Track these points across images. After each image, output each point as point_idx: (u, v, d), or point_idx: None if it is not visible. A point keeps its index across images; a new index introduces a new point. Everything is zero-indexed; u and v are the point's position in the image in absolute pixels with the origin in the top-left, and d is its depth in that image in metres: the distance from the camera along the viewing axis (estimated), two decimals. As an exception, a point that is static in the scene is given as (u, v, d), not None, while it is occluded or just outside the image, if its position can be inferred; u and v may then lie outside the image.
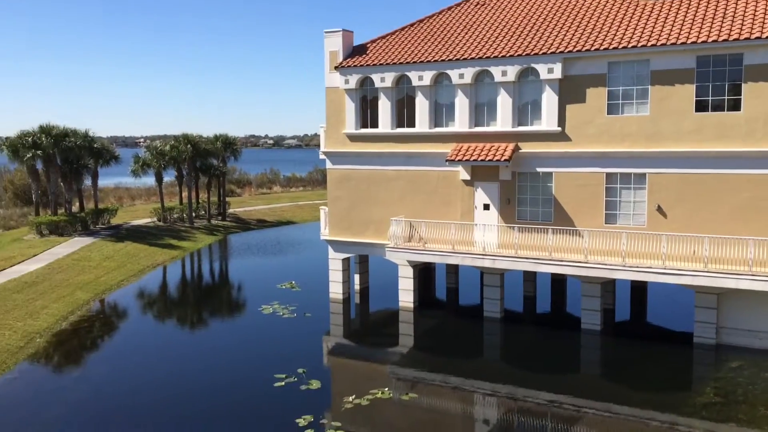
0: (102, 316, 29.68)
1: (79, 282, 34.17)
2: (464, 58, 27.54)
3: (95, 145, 49.51)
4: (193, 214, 56.13)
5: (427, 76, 28.43)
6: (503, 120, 27.27)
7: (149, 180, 60.04)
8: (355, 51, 30.78)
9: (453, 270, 33.87)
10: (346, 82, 30.06)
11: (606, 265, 24.39)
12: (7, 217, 55.34)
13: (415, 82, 28.72)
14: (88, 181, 52.22)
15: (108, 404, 19.40)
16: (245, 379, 21.31)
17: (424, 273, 34.62)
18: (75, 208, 51.17)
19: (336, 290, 31.63)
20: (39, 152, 45.21)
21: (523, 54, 26.42)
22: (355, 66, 29.73)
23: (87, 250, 40.93)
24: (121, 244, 43.95)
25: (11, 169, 65.47)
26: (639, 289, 31.94)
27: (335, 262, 31.56)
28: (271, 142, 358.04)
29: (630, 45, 24.62)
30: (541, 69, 26.20)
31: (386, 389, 20.20)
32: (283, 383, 20.68)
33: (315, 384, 20.59)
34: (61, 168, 47.23)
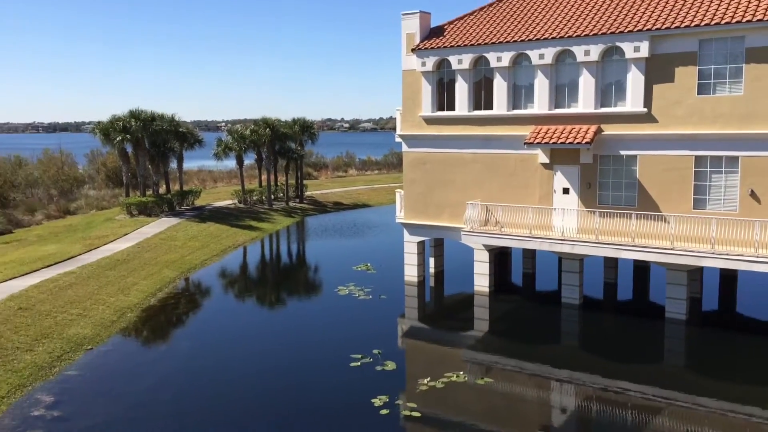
0: (187, 294, 30.96)
1: (166, 261, 35.73)
2: (545, 38, 26.82)
3: (180, 129, 51.37)
4: (272, 197, 57.50)
5: (506, 57, 27.87)
6: (585, 101, 26.44)
7: (230, 163, 61.89)
8: (433, 33, 30.52)
9: (530, 255, 33.32)
10: (423, 64, 29.88)
11: (694, 252, 23.37)
12: (100, 198, 58.45)
13: (493, 64, 28.23)
14: (173, 164, 54.31)
15: (193, 379, 20.27)
16: (322, 358, 21.77)
17: (500, 257, 34.23)
18: (162, 189, 53.36)
19: (411, 273, 31.76)
20: (128, 136, 47.32)
21: (608, 32, 25.46)
22: (432, 48, 29.50)
23: (173, 230, 42.69)
24: (205, 224, 45.60)
25: (104, 153, 68.86)
26: (729, 277, 30.47)
27: (410, 245, 31.64)
28: (347, 125, 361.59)
29: (723, 21, 23.29)
30: (627, 48, 25.19)
31: (461, 373, 20.18)
32: (359, 363, 21.00)
33: (390, 365, 20.80)
34: (149, 151, 49.30)
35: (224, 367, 21.17)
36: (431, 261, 33.18)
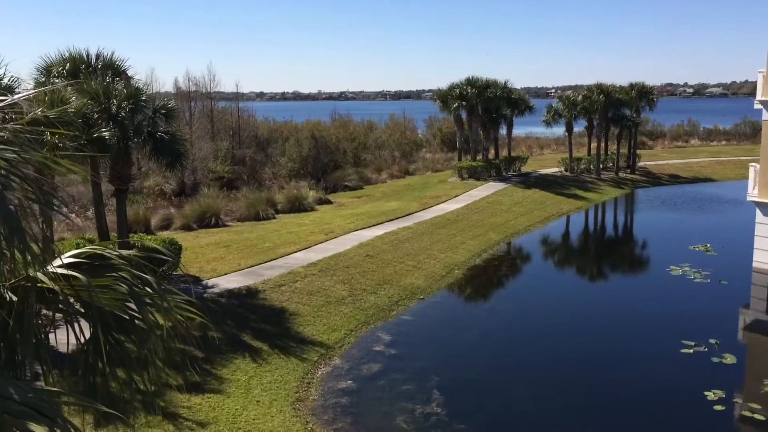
0: (509, 257, 31.75)
1: (491, 223, 37.03)
2: None
3: (512, 96, 52.20)
4: (601, 166, 55.29)
5: None
6: None
7: (558, 130, 61.04)
8: (815, -23, 25.57)
9: None
10: (799, 15, 25.27)
11: None
12: (435, 161, 62.90)
13: None
14: (502, 130, 55.62)
15: (512, 342, 20.81)
16: (650, 339, 20.42)
17: None
18: (490, 154, 55.16)
19: (762, 259, 27.69)
20: (464, 103, 49.73)
21: None
22: (812, -5, 24.76)
23: (499, 194, 43.98)
24: (529, 191, 45.97)
25: (440, 118, 73.67)
26: None
27: (764, 227, 27.55)
28: (691, 90, 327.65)
29: None
30: None
31: (821, 381, 17.10)
32: (691, 351, 19.18)
33: (729, 358, 18.57)
34: (481, 117, 51.24)
35: (543, 335, 21.26)
36: (789, 247, 28.48)
